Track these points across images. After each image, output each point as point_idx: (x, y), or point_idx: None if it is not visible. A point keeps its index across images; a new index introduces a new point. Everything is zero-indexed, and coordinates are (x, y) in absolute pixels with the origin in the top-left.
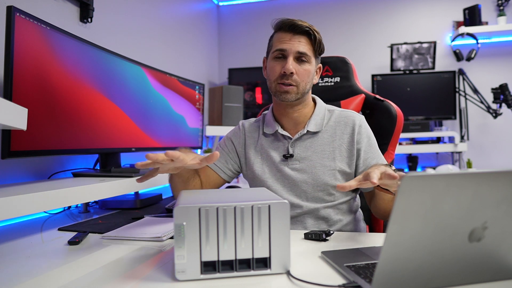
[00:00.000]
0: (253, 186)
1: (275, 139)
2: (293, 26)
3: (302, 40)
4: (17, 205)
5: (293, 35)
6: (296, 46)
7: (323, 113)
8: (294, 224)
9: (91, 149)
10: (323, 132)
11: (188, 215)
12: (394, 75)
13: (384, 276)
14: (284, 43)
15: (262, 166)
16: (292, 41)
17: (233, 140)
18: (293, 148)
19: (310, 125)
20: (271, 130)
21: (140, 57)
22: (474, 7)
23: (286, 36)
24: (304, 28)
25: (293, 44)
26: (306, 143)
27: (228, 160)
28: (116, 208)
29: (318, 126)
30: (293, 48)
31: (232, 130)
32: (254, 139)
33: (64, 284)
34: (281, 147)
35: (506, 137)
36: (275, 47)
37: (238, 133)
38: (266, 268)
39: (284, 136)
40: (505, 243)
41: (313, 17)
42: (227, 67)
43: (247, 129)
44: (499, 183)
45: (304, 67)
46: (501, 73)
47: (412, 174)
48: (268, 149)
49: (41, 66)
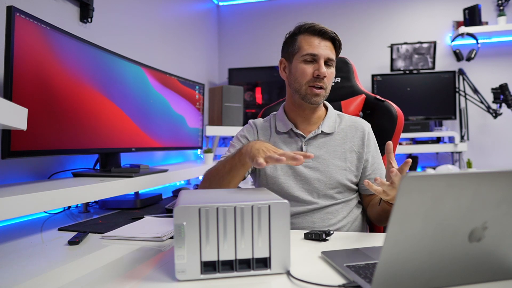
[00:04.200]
0: (263, 182)
1: (288, 137)
2: (323, 31)
3: (329, 45)
4: (17, 205)
5: (321, 40)
6: (326, 52)
7: (334, 117)
8: (302, 219)
9: (91, 149)
10: (336, 134)
11: (188, 215)
12: (394, 75)
13: (384, 276)
14: (315, 47)
15: None
16: (322, 45)
17: (248, 136)
18: (306, 147)
19: (324, 126)
20: (285, 128)
21: (140, 57)
22: (474, 7)
23: (315, 40)
24: (331, 35)
25: (324, 49)
26: (319, 142)
27: None
28: (116, 208)
29: (331, 128)
30: (324, 54)
31: (244, 128)
32: (266, 136)
33: (64, 284)
34: (294, 145)
35: (506, 137)
36: (304, 50)
37: (251, 130)
38: (266, 268)
39: (297, 135)
40: (505, 243)
41: (313, 17)
42: (227, 67)
43: (259, 126)
44: (499, 183)
45: (331, 71)
46: (501, 73)
47: (412, 174)
48: (282, 146)
49: (41, 66)
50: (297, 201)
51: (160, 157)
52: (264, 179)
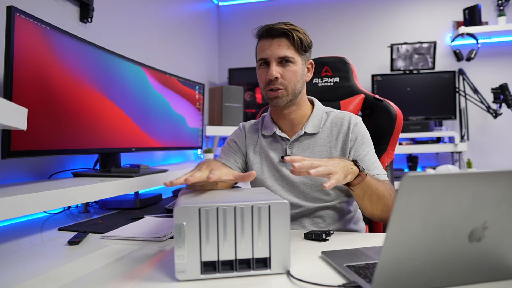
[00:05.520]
0: (253, 186)
1: (273, 140)
2: (269, 30)
3: (282, 43)
4: (17, 205)
5: (272, 40)
6: (276, 51)
7: (320, 115)
8: (292, 224)
9: (91, 149)
10: (321, 133)
11: (188, 215)
12: (394, 75)
13: (384, 276)
14: (264, 50)
15: (261, 166)
16: (271, 46)
17: (237, 140)
18: (291, 149)
19: (308, 127)
20: (269, 132)
21: (140, 57)
22: (474, 7)
23: (266, 43)
24: (281, 31)
25: (273, 49)
26: (304, 144)
27: (237, 159)
28: (116, 208)
29: (316, 127)
30: (274, 54)
31: (233, 132)
32: (253, 140)
33: (64, 284)
34: (279, 148)
35: (506, 137)
36: (258, 56)
37: (240, 134)
38: (266, 268)
39: (282, 138)
40: (505, 243)
41: (313, 17)
42: (227, 67)
43: (247, 130)
44: (499, 183)
45: (289, 68)
46: (501, 73)
47: (412, 174)
48: (267, 150)
49: (41, 66)
50: None
51: (160, 157)
52: (252, 182)
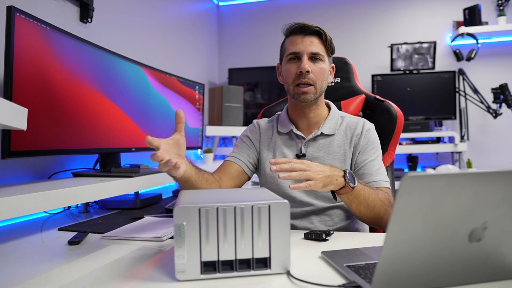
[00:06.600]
0: (264, 182)
1: (289, 138)
2: (303, 27)
3: (314, 40)
4: (17, 205)
5: (304, 36)
6: (309, 47)
7: (336, 118)
8: (300, 220)
9: (91, 149)
10: (336, 135)
11: (188, 215)
12: (394, 75)
13: (384, 276)
14: (296, 45)
15: None
16: (304, 42)
17: (250, 136)
18: (306, 148)
19: (325, 128)
20: (286, 129)
21: (140, 57)
22: (474, 7)
23: (298, 38)
24: (314, 29)
25: (306, 45)
26: (319, 144)
27: (250, 154)
28: (116, 208)
29: (332, 129)
30: (307, 49)
31: (247, 128)
32: (268, 136)
33: (64, 284)
34: (295, 146)
35: (506, 137)
36: (288, 50)
37: (254, 130)
38: (266, 268)
39: (298, 136)
40: (505, 243)
41: (313, 17)
42: (227, 67)
43: (262, 127)
44: (499, 183)
45: (319, 65)
46: (501, 73)
47: (412, 174)
48: (282, 147)
49: (41, 66)
50: (294, 202)
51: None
52: (263, 178)
